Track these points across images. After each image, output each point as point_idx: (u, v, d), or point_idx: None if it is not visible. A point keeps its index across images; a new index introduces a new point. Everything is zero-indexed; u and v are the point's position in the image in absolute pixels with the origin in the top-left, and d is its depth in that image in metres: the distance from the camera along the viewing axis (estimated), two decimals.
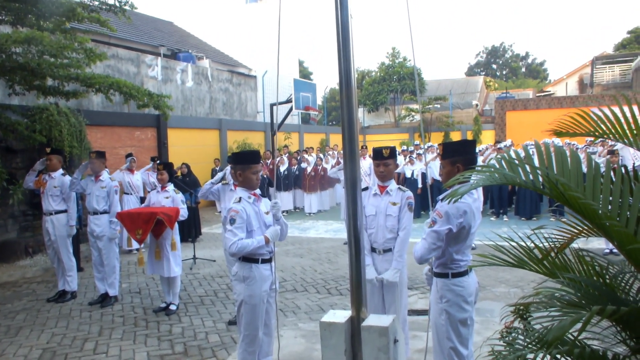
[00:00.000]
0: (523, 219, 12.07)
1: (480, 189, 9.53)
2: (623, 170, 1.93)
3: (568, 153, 1.94)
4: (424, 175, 12.63)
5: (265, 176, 11.34)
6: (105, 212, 6.73)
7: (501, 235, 2.25)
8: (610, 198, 1.82)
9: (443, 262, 3.32)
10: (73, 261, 7.04)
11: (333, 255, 9.18)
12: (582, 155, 9.12)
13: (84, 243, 8.74)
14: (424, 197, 12.71)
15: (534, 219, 11.92)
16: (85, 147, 9.65)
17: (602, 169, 2.01)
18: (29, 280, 8.01)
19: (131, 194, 10.08)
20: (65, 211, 6.88)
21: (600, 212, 1.61)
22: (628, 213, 1.74)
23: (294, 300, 6.61)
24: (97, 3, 8.41)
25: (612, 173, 1.90)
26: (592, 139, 2.21)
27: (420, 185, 12.73)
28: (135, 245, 8.07)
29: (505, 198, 12.60)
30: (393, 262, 4.13)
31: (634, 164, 9.63)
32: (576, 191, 1.66)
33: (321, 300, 6.59)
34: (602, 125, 2.01)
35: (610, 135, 2.06)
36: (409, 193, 4.22)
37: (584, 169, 2.02)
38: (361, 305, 2.95)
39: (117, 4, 8.31)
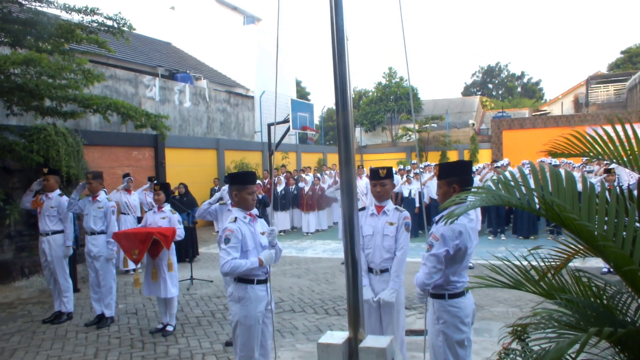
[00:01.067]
0: (521, 237, 12.05)
1: (478, 209, 9.54)
2: (618, 191, 1.94)
3: (563, 174, 1.95)
4: (421, 195, 12.65)
5: (259, 196, 11.31)
6: (102, 232, 6.70)
7: (498, 256, 2.25)
8: (606, 218, 1.83)
9: (439, 284, 3.30)
10: (69, 282, 6.99)
11: (331, 276, 9.13)
12: (577, 174, 9.10)
13: (80, 263, 8.69)
14: (422, 217, 12.69)
15: (532, 237, 11.91)
16: (83, 167, 9.65)
17: (598, 189, 2.02)
18: (25, 302, 7.94)
19: (128, 214, 10.05)
20: (61, 232, 6.85)
21: (596, 233, 1.61)
22: (624, 233, 1.75)
23: (292, 320, 6.56)
24: (95, 25, 8.49)
25: (607, 193, 1.91)
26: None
27: (417, 205, 12.73)
28: (131, 265, 8.01)
29: (503, 217, 12.60)
30: (390, 282, 4.11)
31: (629, 183, 9.66)
32: (572, 212, 1.67)
33: (319, 320, 6.54)
34: (597, 146, 2.03)
35: (605, 156, 2.08)
36: (406, 213, 4.22)
37: (579, 188, 2.03)
38: (359, 326, 2.94)
39: (116, 25, 8.39)
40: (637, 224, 1.77)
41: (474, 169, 15.09)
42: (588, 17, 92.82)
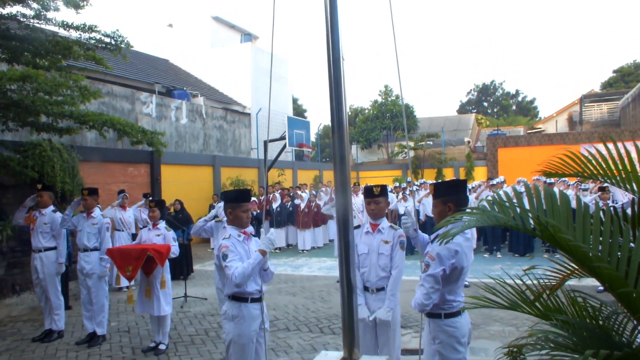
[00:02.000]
0: (516, 255, 12.04)
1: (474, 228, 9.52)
2: (612, 211, 1.94)
3: (557, 193, 1.95)
4: (417, 212, 12.63)
5: (254, 213, 11.28)
6: (95, 249, 6.66)
7: (492, 275, 2.24)
8: (601, 239, 1.83)
9: (435, 303, 3.28)
10: (61, 299, 6.91)
11: (326, 294, 9.07)
12: (572, 192, 9.12)
13: (73, 281, 8.61)
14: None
15: (528, 256, 11.88)
16: (78, 183, 9.61)
17: (592, 208, 2.02)
18: (15, 319, 7.84)
19: (123, 230, 10.00)
20: (54, 248, 6.79)
21: (590, 254, 1.61)
22: (619, 254, 1.74)
23: (286, 339, 6.50)
24: (93, 42, 8.53)
25: (601, 213, 1.90)
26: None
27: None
28: (124, 283, 7.95)
29: (499, 235, 12.59)
30: (386, 301, 4.08)
31: (623, 201, 9.67)
32: (566, 233, 1.66)
33: (314, 339, 6.48)
34: (590, 166, 2.03)
35: (599, 176, 2.08)
36: (401, 231, 4.21)
37: (574, 205, 2.03)
38: (353, 346, 2.91)
39: (114, 43, 8.43)
40: (632, 244, 1.76)
41: (470, 186, 15.14)
42: (581, 36, 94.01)
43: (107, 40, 8.51)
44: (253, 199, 12.06)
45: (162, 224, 6.55)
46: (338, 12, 2.91)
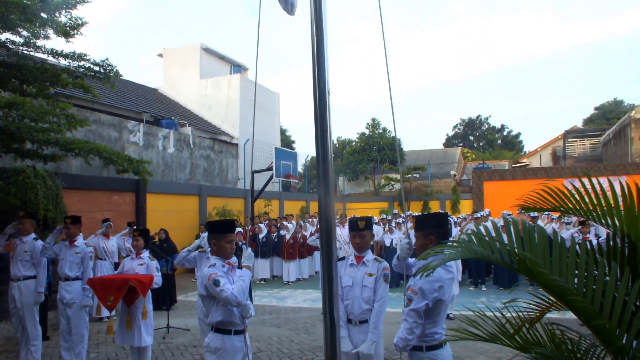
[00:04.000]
0: (501, 288, 12.05)
1: (459, 260, 9.56)
2: (588, 245, 1.99)
3: (536, 228, 1.99)
4: None
5: (240, 244, 11.20)
6: (77, 278, 6.54)
7: (473, 308, 2.25)
8: (577, 272, 1.86)
9: (417, 335, 3.28)
10: (38, 330, 6.75)
11: (311, 325, 8.98)
12: (556, 225, 9.21)
13: (52, 310, 8.43)
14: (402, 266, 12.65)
15: (512, 288, 11.89)
16: (61, 211, 9.51)
17: (569, 243, 2.06)
18: None
19: (105, 259, 9.87)
20: (34, 277, 6.66)
21: (566, 288, 1.64)
22: (594, 287, 1.78)
23: None
24: (82, 70, 8.58)
25: (577, 247, 1.95)
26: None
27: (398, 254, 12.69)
28: (105, 313, 7.83)
29: (483, 268, 12.62)
30: (369, 334, 4.06)
31: (607, 233, 9.76)
32: (542, 267, 1.70)
33: None
34: (567, 201, 2.08)
35: (576, 211, 2.13)
36: (385, 264, 4.22)
37: (566, 239, 2.07)
38: None
39: (102, 71, 8.49)
40: (607, 278, 1.80)
41: (455, 219, 15.22)
42: (564, 73, 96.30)
43: (96, 68, 8.57)
44: (239, 229, 11.99)
45: (145, 254, 6.49)
46: (325, 46, 2.97)
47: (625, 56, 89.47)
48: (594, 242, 1.95)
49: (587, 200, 2.05)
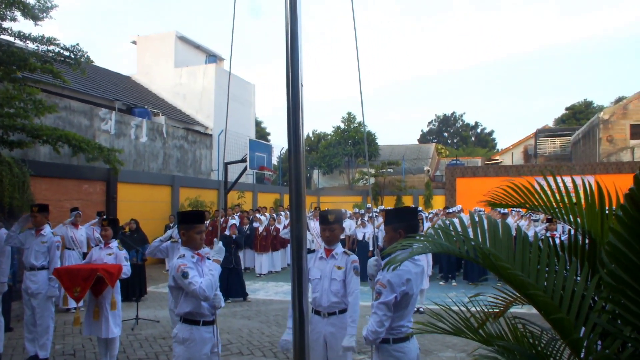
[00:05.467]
0: (471, 284, 12.24)
1: (430, 253, 9.67)
2: (550, 241, 2.03)
3: (500, 224, 2.03)
4: (375, 238, 12.71)
5: (233, 237, 11.12)
6: (43, 268, 6.41)
7: (440, 304, 2.29)
8: (540, 267, 1.90)
9: (387, 328, 3.31)
10: (1, 321, 6.59)
11: (282, 318, 8.99)
12: (525, 222, 9.37)
13: (16, 301, 8.24)
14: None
15: (478, 283, 12.08)
16: (28, 199, 9.30)
17: (532, 239, 2.10)
18: None
19: (73, 249, 9.70)
20: None
21: (526, 282, 1.68)
22: (554, 282, 1.82)
23: None
24: (52, 55, 8.37)
25: (540, 243, 1.99)
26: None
27: (371, 248, 12.80)
28: (72, 303, 7.69)
29: (454, 263, 12.80)
30: (348, 328, 4.08)
31: (569, 230, 10.00)
32: (505, 262, 1.73)
33: None
34: (532, 198, 2.12)
35: (540, 208, 2.18)
36: (354, 257, 4.24)
37: (530, 235, 2.11)
38: None
39: (73, 57, 8.29)
40: (566, 273, 1.85)
41: (427, 214, 15.39)
42: (537, 72, 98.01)
43: (66, 53, 8.37)
44: (233, 221, 11.92)
45: (114, 243, 6.39)
46: (299, 36, 2.96)
47: (596, 58, 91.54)
48: (564, 238, 2.00)
49: (550, 197, 2.10)
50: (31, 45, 8.32)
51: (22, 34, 7.96)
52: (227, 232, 11.38)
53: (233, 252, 10.75)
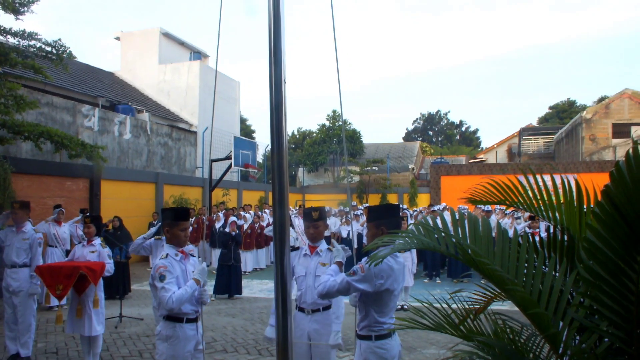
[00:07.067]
0: (455, 281, 12.33)
1: (415, 251, 9.74)
2: (530, 238, 2.06)
3: (480, 220, 2.06)
4: (360, 236, 12.77)
5: (233, 234, 11.05)
6: (25, 265, 6.34)
7: (422, 300, 2.31)
8: (517, 263, 1.93)
9: (366, 325, 3.33)
10: None
11: (266, 315, 8.98)
12: (508, 221, 9.45)
13: None
14: (360, 258, 12.80)
15: (465, 281, 12.19)
16: (9, 196, 9.17)
17: (513, 234, 2.13)
18: None
19: (56, 246, 9.59)
20: None
21: (505, 277, 1.70)
22: (532, 279, 1.85)
23: None
24: (33, 50, 8.26)
25: (519, 239, 2.02)
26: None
27: (356, 246, 12.81)
28: (55, 301, 7.60)
29: (438, 260, 12.88)
30: (332, 325, 4.10)
31: (548, 227, 10.12)
32: (484, 257, 1.75)
33: None
34: (511, 195, 2.15)
35: (519, 204, 2.21)
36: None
37: (510, 234, 2.15)
38: None
39: (55, 52, 8.19)
40: (545, 268, 1.88)
41: (412, 212, 15.48)
42: (521, 72, 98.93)
43: (48, 49, 8.27)
44: (233, 218, 11.84)
45: (97, 241, 6.33)
46: (282, 32, 2.96)
47: (579, 58, 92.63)
48: (544, 236, 2.04)
49: (530, 194, 2.13)
50: (12, 40, 8.20)
51: (2, 28, 7.84)
52: (227, 229, 11.33)
53: (232, 249, 10.74)
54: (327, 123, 32.01)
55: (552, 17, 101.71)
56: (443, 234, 1.96)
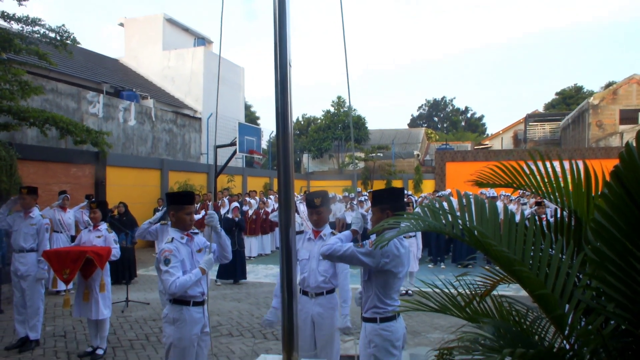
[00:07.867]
0: (459, 266, 12.36)
1: (420, 237, 9.73)
2: (537, 220, 2.06)
3: (487, 203, 2.05)
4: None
5: (236, 219, 11.09)
6: (32, 250, 6.39)
7: (425, 281, 2.31)
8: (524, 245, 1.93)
9: (371, 307, 3.34)
10: None
11: (271, 300, 9.02)
12: (514, 206, 9.46)
13: (6, 283, 8.22)
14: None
15: (470, 266, 12.21)
16: (16, 182, 9.20)
17: (520, 217, 2.13)
18: None
19: (61, 232, 9.65)
20: None
21: (512, 259, 1.70)
22: (539, 260, 1.85)
23: (229, 345, 6.44)
24: (37, 36, 8.23)
25: (526, 222, 2.01)
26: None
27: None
28: (62, 286, 7.67)
29: (443, 246, 12.90)
30: (341, 309, 4.14)
31: (555, 209, 10.10)
32: (491, 239, 1.75)
33: (257, 345, 6.45)
34: (519, 178, 2.14)
35: (527, 188, 2.20)
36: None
37: (517, 219, 2.14)
38: (292, 349, 2.93)
39: (59, 38, 8.16)
40: (552, 251, 1.87)
41: (417, 199, 15.46)
42: (528, 58, 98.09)
43: (52, 35, 8.23)
44: (235, 204, 11.87)
45: (103, 226, 6.37)
46: (288, 16, 2.95)
47: (586, 43, 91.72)
48: (551, 221, 2.04)
49: (537, 177, 2.12)
50: (15, 26, 8.17)
51: (5, 14, 7.81)
52: (229, 215, 11.36)
53: (236, 234, 10.79)
54: (332, 109, 31.89)
55: (559, 2, 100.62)
56: (450, 216, 1.96)
